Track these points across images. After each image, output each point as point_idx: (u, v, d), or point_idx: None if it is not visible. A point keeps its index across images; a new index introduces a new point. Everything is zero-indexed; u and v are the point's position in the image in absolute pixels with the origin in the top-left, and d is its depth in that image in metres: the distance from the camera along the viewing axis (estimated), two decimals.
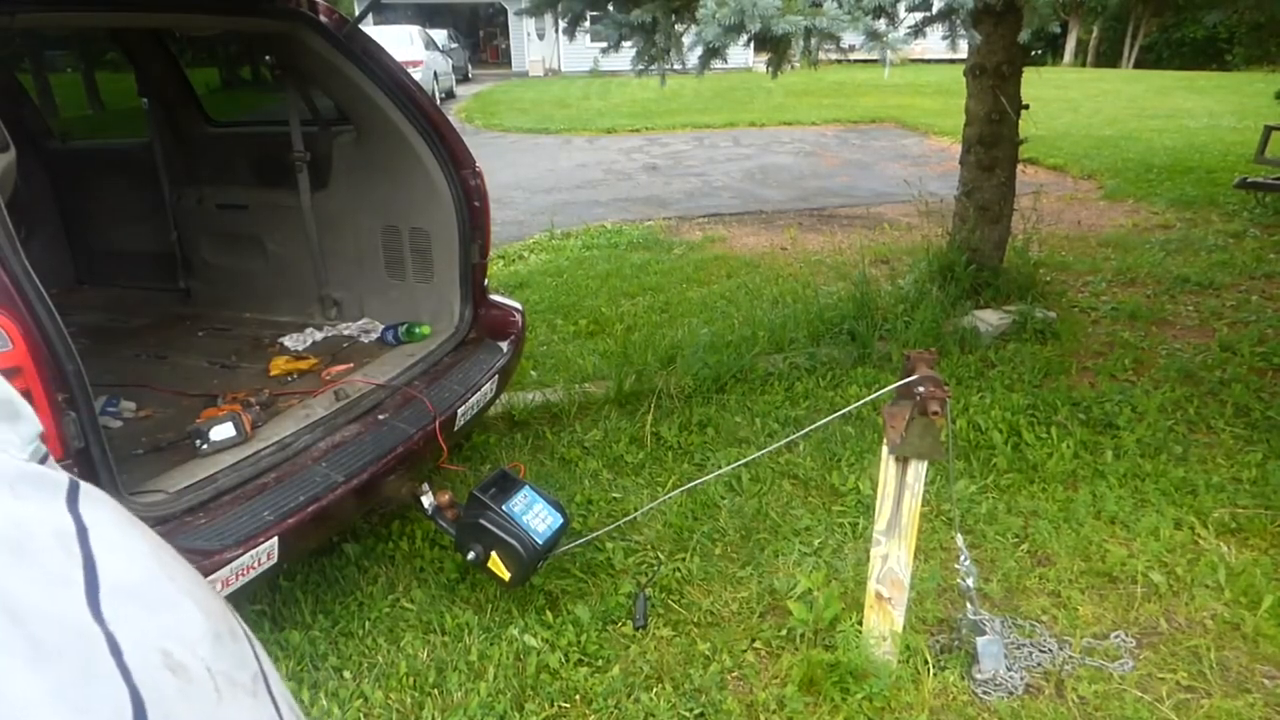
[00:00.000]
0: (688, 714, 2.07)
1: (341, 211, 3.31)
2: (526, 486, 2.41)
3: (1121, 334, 4.35)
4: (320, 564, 2.61)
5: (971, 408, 3.47)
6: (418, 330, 3.14)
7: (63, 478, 0.43)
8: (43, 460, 0.45)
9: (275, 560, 1.99)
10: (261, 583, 2.02)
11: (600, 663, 2.24)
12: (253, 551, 1.92)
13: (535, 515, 2.34)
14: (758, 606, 2.43)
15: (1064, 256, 5.82)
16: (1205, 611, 2.38)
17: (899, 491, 2.00)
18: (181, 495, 2.05)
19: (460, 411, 2.66)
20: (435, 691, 2.15)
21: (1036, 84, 5.07)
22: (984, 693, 2.11)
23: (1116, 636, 2.28)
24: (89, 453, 1.78)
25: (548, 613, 2.40)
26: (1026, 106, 4.45)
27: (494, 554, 2.28)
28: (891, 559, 2.06)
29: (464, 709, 2.08)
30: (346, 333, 3.38)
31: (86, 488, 0.43)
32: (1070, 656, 2.21)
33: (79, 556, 0.39)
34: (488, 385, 2.84)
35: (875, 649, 2.14)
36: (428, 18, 26.26)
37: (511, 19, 29.17)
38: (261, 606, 2.42)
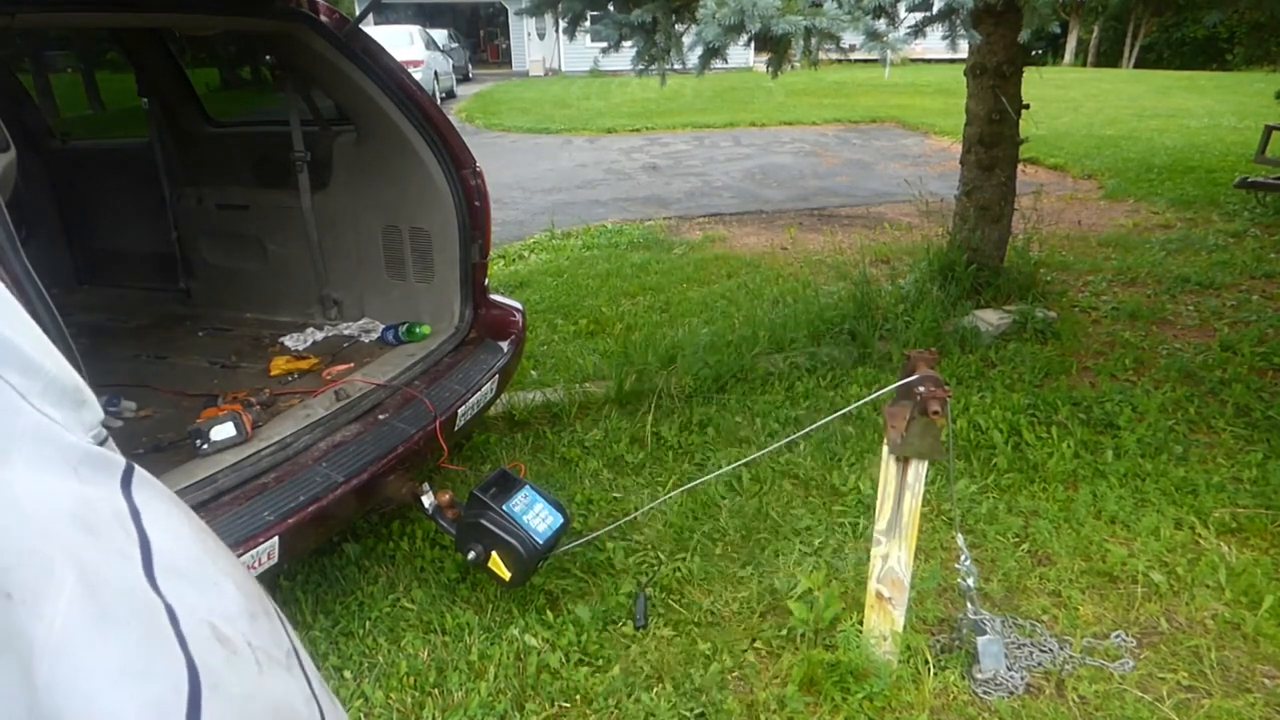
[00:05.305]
0: (688, 714, 2.07)
1: (342, 211, 3.31)
2: (527, 486, 2.41)
3: (1122, 334, 4.35)
4: (320, 564, 2.61)
5: (972, 407, 3.47)
6: (418, 330, 3.14)
7: (120, 461, 0.46)
8: (102, 443, 0.48)
9: (275, 560, 1.99)
10: (262, 583, 2.02)
11: (601, 662, 2.24)
12: (253, 552, 1.92)
13: (535, 515, 2.34)
14: (758, 606, 2.43)
15: (1064, 256, 5.82)
16: (1206, 611, 2.38)
17: (899, 491, 2.00)
18: (181, 495, 2.04)
19: (460, 411, 2.66)
20: (435, 691, 2.15)
21: (1037, 84, 5.07)
22: (984, 692, 2.11)
23: (1117, 636, 2.28)
24: None
25: (548, 613, 2.40)
26: (1027, 106, 4.45)
27: (494, 554, 2.28)
28: (892, 559, 2.06)
29: (464, 709, 2.08)
30: (347, 333, 3.39)
31: (139, 472, 0.47)
32: (1070, 656, 2.21)
33: (135, 535, 0.43)
34: (488, 385, 2.84)
35: (875, 649, 2.14)
36: (428, 18, 26.29)
37: (512, 19, 29.19)
38: None
